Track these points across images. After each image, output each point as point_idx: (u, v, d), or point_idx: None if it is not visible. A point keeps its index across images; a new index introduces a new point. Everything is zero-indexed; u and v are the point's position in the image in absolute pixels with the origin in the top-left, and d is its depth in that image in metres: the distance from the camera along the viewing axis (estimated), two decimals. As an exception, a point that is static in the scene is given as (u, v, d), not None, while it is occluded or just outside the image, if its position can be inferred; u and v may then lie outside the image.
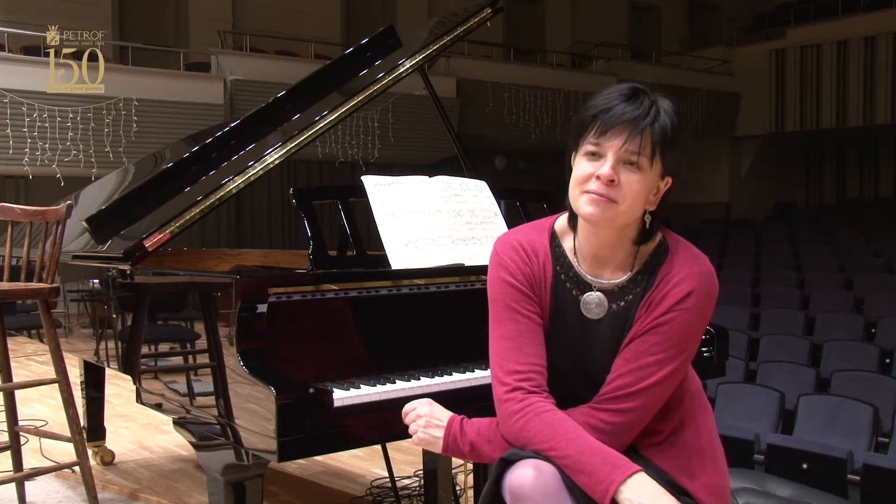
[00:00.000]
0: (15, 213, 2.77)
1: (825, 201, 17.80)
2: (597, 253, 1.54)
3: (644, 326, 1.48)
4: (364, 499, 3.22)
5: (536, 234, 1.59)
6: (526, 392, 1.47)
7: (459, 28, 2.80)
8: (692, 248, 1.55)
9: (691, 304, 1.46)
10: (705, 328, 1.54)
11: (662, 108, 1.45)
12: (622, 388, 1.47)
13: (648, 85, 1.50)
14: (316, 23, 13.24)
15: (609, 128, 1.43)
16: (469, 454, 1.53)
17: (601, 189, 1.43)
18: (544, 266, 1.55)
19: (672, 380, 1.49)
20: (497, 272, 1.56)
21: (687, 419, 1.55)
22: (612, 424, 1.46)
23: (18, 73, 9.30)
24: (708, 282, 1.49)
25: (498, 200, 2.42)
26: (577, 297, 1.55)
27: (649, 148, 1.43)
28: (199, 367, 2.12)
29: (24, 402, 4.40)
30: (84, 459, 2.78)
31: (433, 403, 1.59)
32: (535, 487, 1.37)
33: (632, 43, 17.00)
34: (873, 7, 14.64)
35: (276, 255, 3.48)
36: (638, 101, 1.44)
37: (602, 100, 1.46)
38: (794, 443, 4.51)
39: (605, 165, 1.43)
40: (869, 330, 7.36)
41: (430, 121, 10.29)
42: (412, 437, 1.58)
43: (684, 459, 1.51)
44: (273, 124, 2.66)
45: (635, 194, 1.44)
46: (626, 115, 1.42)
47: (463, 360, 2.03)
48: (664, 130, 1.44)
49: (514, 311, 1.52)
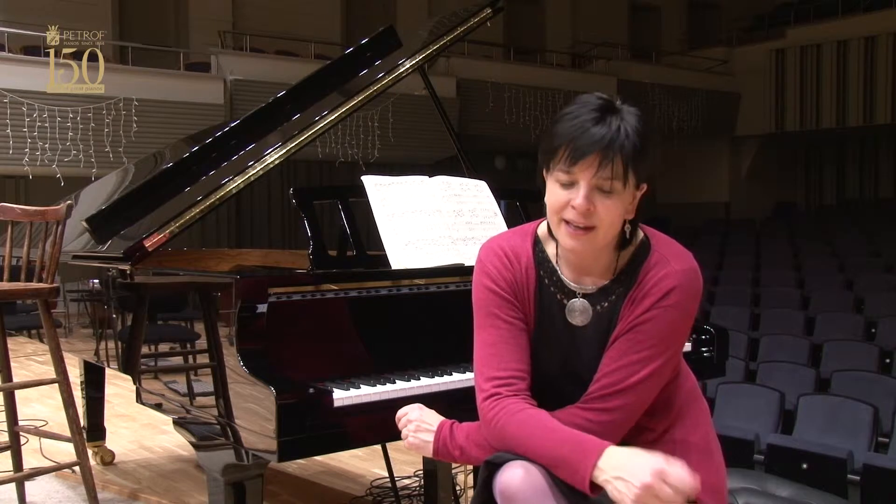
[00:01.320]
0: (15, 213, 2.77)
1: (825, 201, 17.80)
2: (579, 263, 1.54)
3: (628, 324, 1.48)
4: (364, 499, 3.22)
5: (519, 240, 1.59)
6: (502, 397, 1.47)
7: (459, 28, 2.81)
8: (674, 245, 1.54)
9: (673, 301, 1.46)
10: (691, 325, 1.54)
11: (629, 124, 1.41)
12: (608, 386, 1.47)
13: (610, 95, 1.47)
14: (316, 23, 13.23)
15: (580, 158, 1.40)
16: (460, 458, 1.54)
17: (578, 220, 1.42)
18: (527, 271, 1.55)
19: (658, 377, 1.48)
20: (480, 278, 1.56)
21: (681, 417, 1.55)
22: (599, 423, 1.46)
23: (18, 73, 9.30)
24: (690, 278, 1.48)
25: (498, 200, 2.42)
26: (563, 302, 1.55)
27: (621, 169, 1.40)
28: (199, 367, 2.12)
29: (24, 402, 4.40)
30: (84, 459, 2.78)
31: (423, 408, 1.60)
32: (524, 487, 1.37)
33: (632, 43, 16.99)
34: (873, 7, 14.64)
35: (276, 255, 3.48)
36: (606, 123, 1.40)
37: (569, 126, 1.42)
38: (794, 443, 4.51)
39: (579, 196, 1.41)
40: (869, 330, 7.35)
41: (430, 121, 10.28)
42: (404, 442, 1.60)
43: (677, 456, 1.51)
44: (273, 124, 2.66)
45: (613, 217, 1.43)
46: (596, 144, 1.39)
47: (463, 360, 2.03)
48: (634, 148, 1.40)
49: (495, 317, 1.53)
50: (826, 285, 9.39)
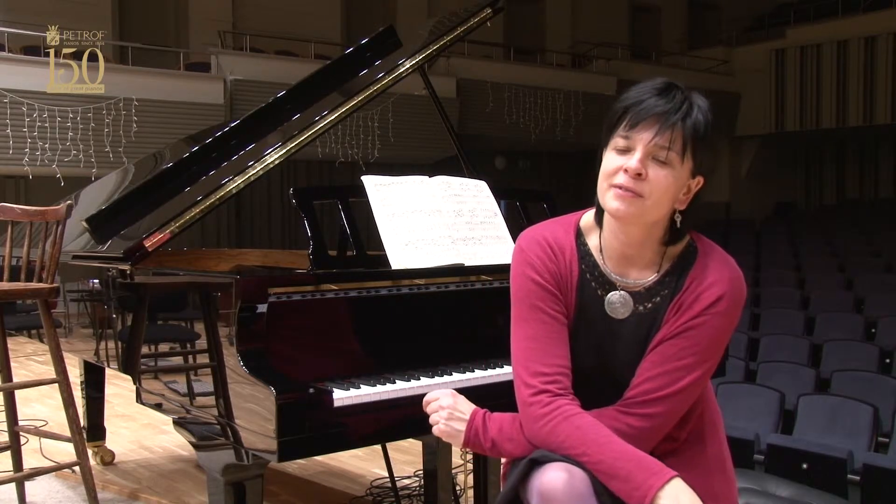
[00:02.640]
0: (15, 213, 2.77)
1: (825, 201, 17.80)
2: (623, 251, 1.50)
3: (673, 329, 1.45)
4: (364, 499, 3.22)
5: (562, 231, 1.55)
6: (552, 395, 1.44)
7: (459, 28, 2.80)
8: (722, 252, 1.52)
9: (722, 309, 1.44)
10: (731, 333, 1.51)
11: (696, 105, 1.43)
12: (649, 392, 1.44)
13: (684, 83, 1.47)
14: (316, 23, 13.23)
15: (639, 121, 1.40)
16: (490, 450, 1.50)
17: (628, 183, 1.40)
18: (570, 264, 1.51)
19: (698, 385, 1.46)
20: (522, 269, 1.51)
21: (701, 426, 1.54)
22: (637, 429, 1.44)
23: (18, 73, 9.31)
24: (738, 287, 1.47)
25: (498, 200, 2.42)
26: (602, 297, 1.52)
27: (679, 143, 1.39)
28: (199, 367, 2.12)
29: (24, 402, 4.40)
30: (84, 459, 2.78)
31: (457, 395, 1.55)
32: (565, 491, 1.35)
33: (632, 43, 17.00)
34: (873, 7, 14.64)
35: (276, 255, 3.48)
36: (670, 96, 1.41)
37: (634, 93, 1.43)
38: (794, 443, 4.51)
39: (633, 158, 1.40)
40: (869, 330, 7.36)
41: (430, 121, 10.29)
42: (433, 429, 1.54)
43: (696, 464, 1.50)
44: (273, 124, 2.66)
45: (663, 190, 1.40)
46: (658, 109, 1.39)
47: (463, 360, 2.03)
48: (696, 127, 1.41)
49: (539, 311, 1.49)
50: (826, 285, 9.40)
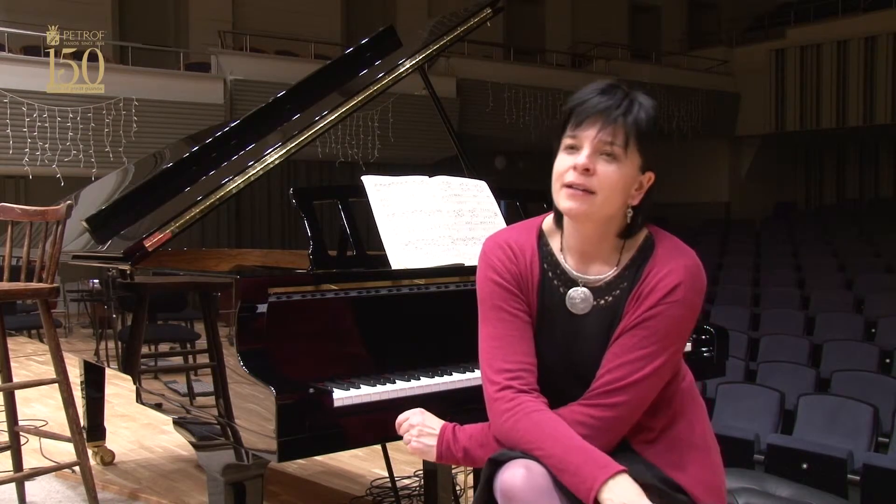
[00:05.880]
0: (15, 213, 2.77)
1: (825, 201, 17.79)
2: (582, 248, 1.55)
3: (633, 320, 1.49)
4: (364, 499, 3.22)
5: (524, 234, 1.61)
6: (516, 391, 1.48)
7: (459, 28, 2.81)
8: (678, 242, 1.56)
9: (679, 297, 1.47)
10: (694, 321, 1.54)
11: (638, 102, 1.49)
12: (611, 382, 1.47)
13: (627, 83, 1.53)
14: (316, 23, 13.24)
15: (583, 119, 1.47)
16: (463, 460, 1.55)
17: (578, 180, 1.46)
18: (531, 264, 1.57)
19: (661, 374, 1.49)
20: (484, 272, 1.58)
21: (679, 415, 1.55)
22: (601, 420, 1.46)
23: (18, 73, 9.30)
24: (695, 274, 1.50)
25: (498, 200, 2.42)
26: (564, 294, 1.56)
27: (622, 137, 1.45)
28: (199, 367, 2.12)
29: (24, 402, 4.40)
30: (84, 459, 2.78)
31: (425, 413, 1.61)
32: (525, 487, 1.38)
33: (632, 43, 17.00)
34: (873, 7, 14.64)
35: (276, 255, 3.48)
36: (612, 94, 1.48)
37: (579, 94, 1.50)
38: (794, 443, 4.51)
39: (581, 155, 1.46)
40: (869, 330, 7.36)
41: (430, 121, 10.28)
42: (407, 447, 1.60)
43: (676, 454, 1.52)
44: (273, 124, 2.66)
45: (612, 184, 1.46)
46: (600, 106, 1.46)
47: (463, 360, 2.03)
48: (637, 122, 1.47)
49: (501, 311, 1.54)
50: (826, 285, 9.39)
